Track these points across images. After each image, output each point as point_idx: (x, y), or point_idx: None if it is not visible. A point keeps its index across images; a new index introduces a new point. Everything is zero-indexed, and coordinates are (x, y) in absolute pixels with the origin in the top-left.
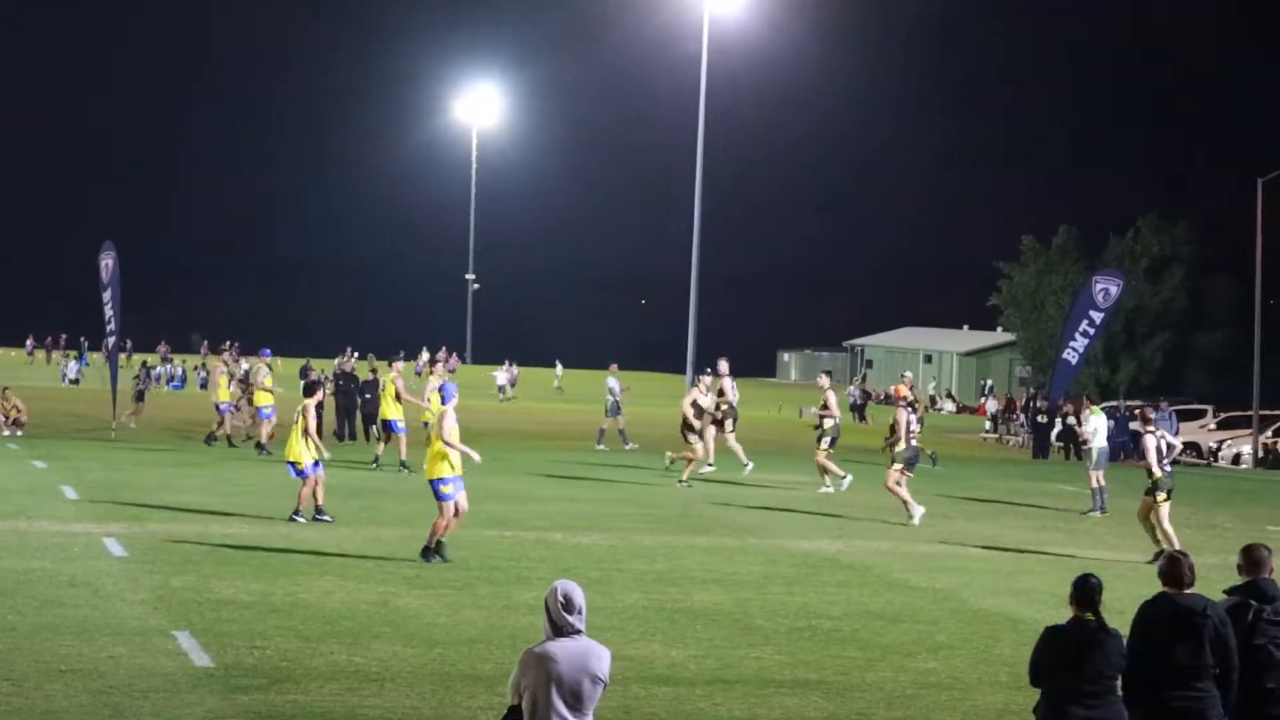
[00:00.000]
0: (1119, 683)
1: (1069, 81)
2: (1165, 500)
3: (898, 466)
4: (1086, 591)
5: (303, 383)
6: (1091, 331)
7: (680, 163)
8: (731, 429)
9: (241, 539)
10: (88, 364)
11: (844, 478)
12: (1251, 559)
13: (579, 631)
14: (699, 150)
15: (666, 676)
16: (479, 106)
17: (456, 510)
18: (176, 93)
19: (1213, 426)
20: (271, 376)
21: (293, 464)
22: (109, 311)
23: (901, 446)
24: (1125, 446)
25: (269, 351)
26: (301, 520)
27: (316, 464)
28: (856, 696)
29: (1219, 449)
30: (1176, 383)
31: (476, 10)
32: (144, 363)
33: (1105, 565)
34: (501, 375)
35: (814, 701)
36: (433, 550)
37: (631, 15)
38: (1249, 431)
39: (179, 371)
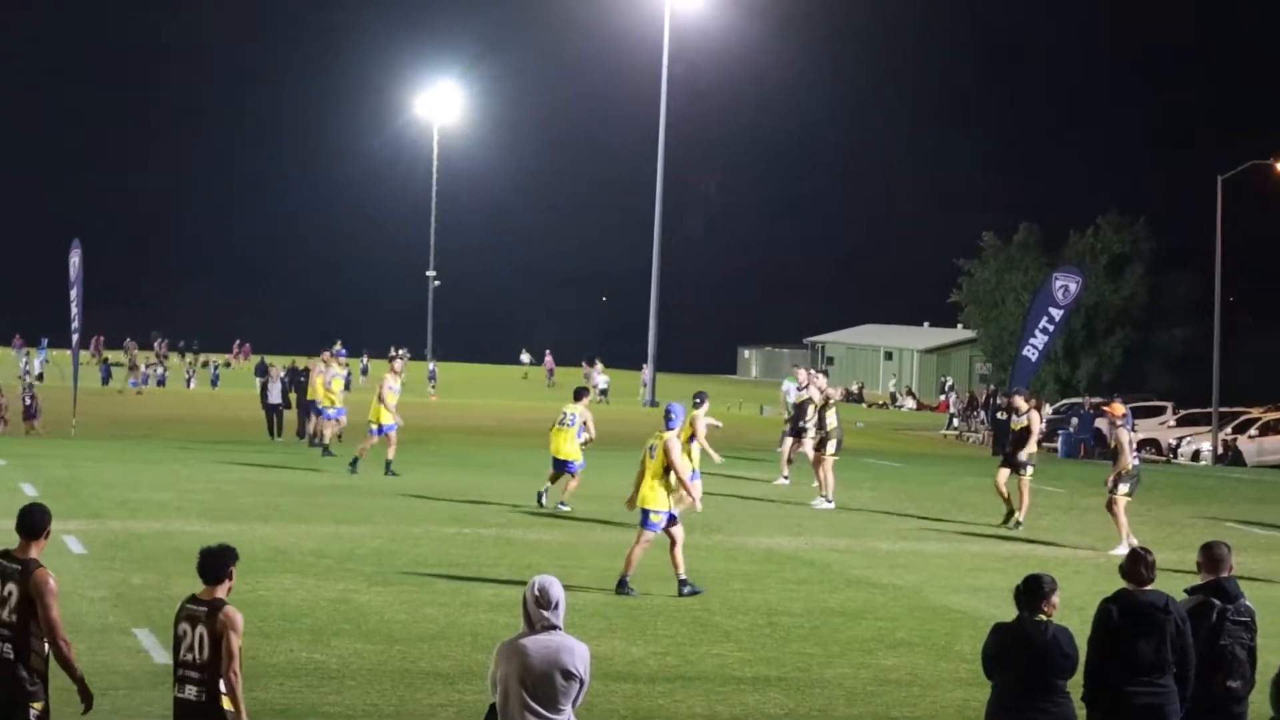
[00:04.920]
0: (1066, 683)
1: (1030, 78)
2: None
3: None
4: (1032, 591)
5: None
6: (1051, 328)
7: (642, 160)
8: (834, 451)
9: (202, 536)
10: (48, 360)
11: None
12: (1211, 557)
13: (555, 627)
14: (660, 147)
15: (626, 673)
16: (440, 103)
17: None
18: (138, 90)
19: (1172, 423)
20: (341, 379)
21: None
22: (75, 309)
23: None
24: (1088, 443)
25: (344, 351)
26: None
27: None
28: (816, 693)
29: (1178, 445)
30: (1136, 379)
31: (437, 7)
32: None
33: (1064, 561)
34: (599, 377)
35: (774, 698)
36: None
37: (594, 13)
38: (1208, 428)
39: (160, 372)
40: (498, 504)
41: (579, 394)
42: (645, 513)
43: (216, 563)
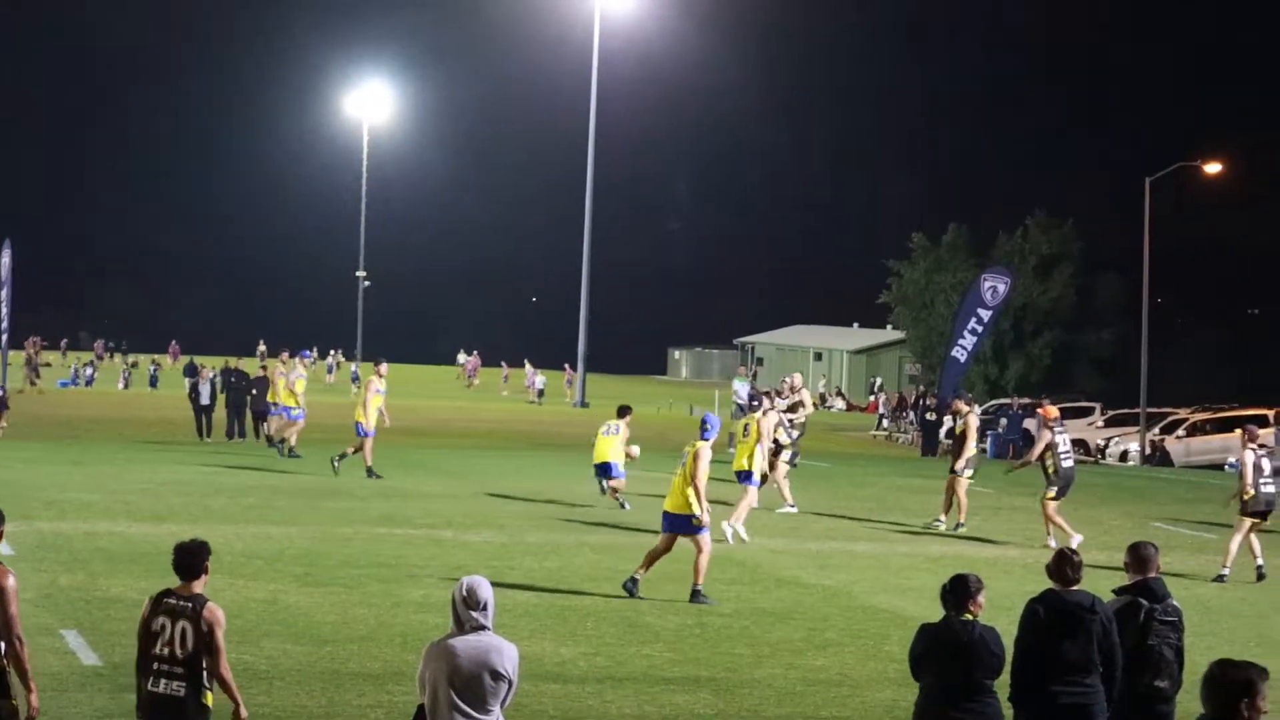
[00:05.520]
0: (994, 682)
1: (960, 79)
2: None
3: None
4: (958, 591)
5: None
6: (980, 329)
7: (572, 161)
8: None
9: (130, 537)
10: None
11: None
12: (1139, 557)
13: (483, 628)
14: (590, 148)
15: (556, 674)
16: (370, 103)
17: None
18: (65, 89)
19: (1100, 424)
20: (304, 380)
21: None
22: (3, 309)
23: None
24: (1017, 443)
25: (309, 353)
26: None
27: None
28: (746, 693)
29: (1106, 446)
30: (1065, 380)
31: (367, 6)
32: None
33: (992, 561)
34: (537, 379)
35: (703, 699)
36: (700, 592)
37: (525, 13)
38: (1136, 429)
39: (89, 373)
40: (427, 505)
41: (623, 411)
42: (687, 519)
43: (193, 558)
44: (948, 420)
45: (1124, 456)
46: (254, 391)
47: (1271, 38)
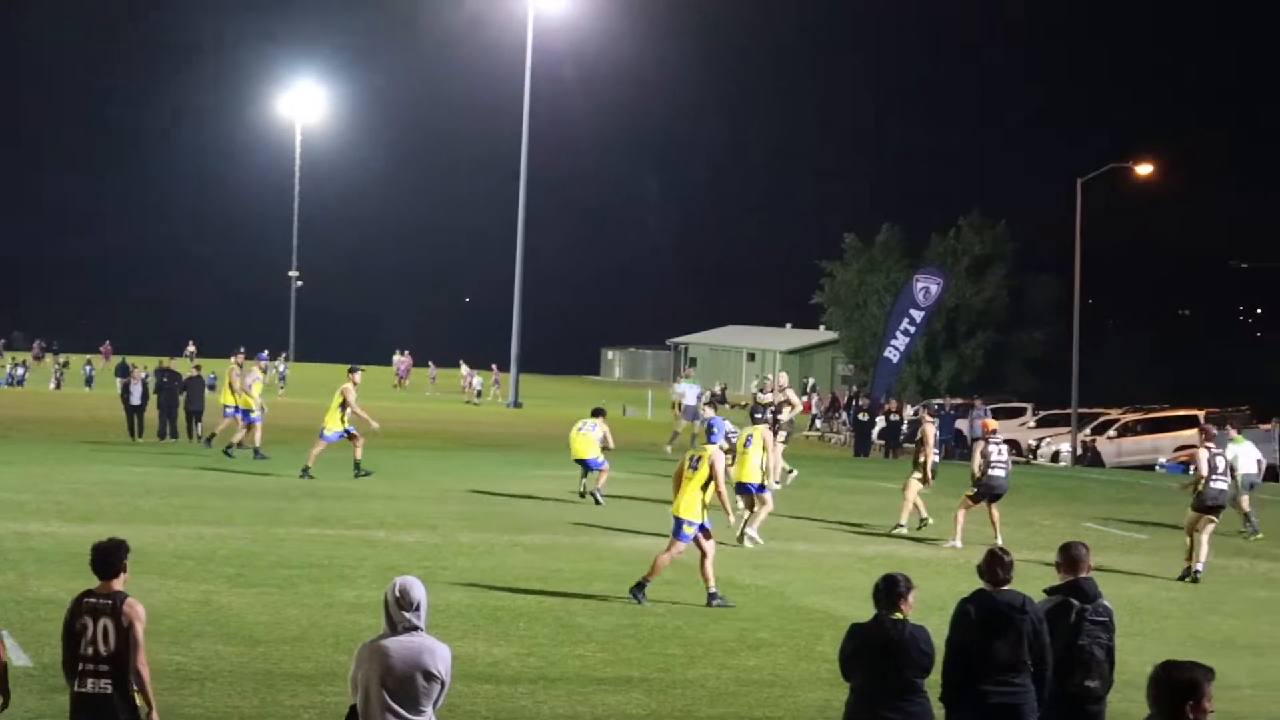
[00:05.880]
0: (924, 681)
1: (893, 79)
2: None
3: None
4: (889, 591)
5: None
6: (913, 330)
7: (505, 160)
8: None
9: (60, 537)
10: None
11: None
12: (1070, 557)
13: (416, 628)
14: (523, 148)
15: (489, 674)
16: (303, 103)
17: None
18: None
19: (1032, 424)
20: (260, 383)
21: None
22: None
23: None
24: (949, 443)
25: (265, 356)
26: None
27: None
28: (678, 694)
29: (1038, 447)
30: (997, 381)
31: (301, 6)
32: None
33: (925, 562)
34: (475, 379)
35: (636, 699)
36: (640, 589)
37: (458, 14)
38: (1068, 429)
39: (20, 373)
40: (360, 505)
41: (598, 412)
42: (679, 522)
43: (111, 557)
44: (880, 420)
45: (1055, 457)
46: (186, 392)
47: (1203, 42)
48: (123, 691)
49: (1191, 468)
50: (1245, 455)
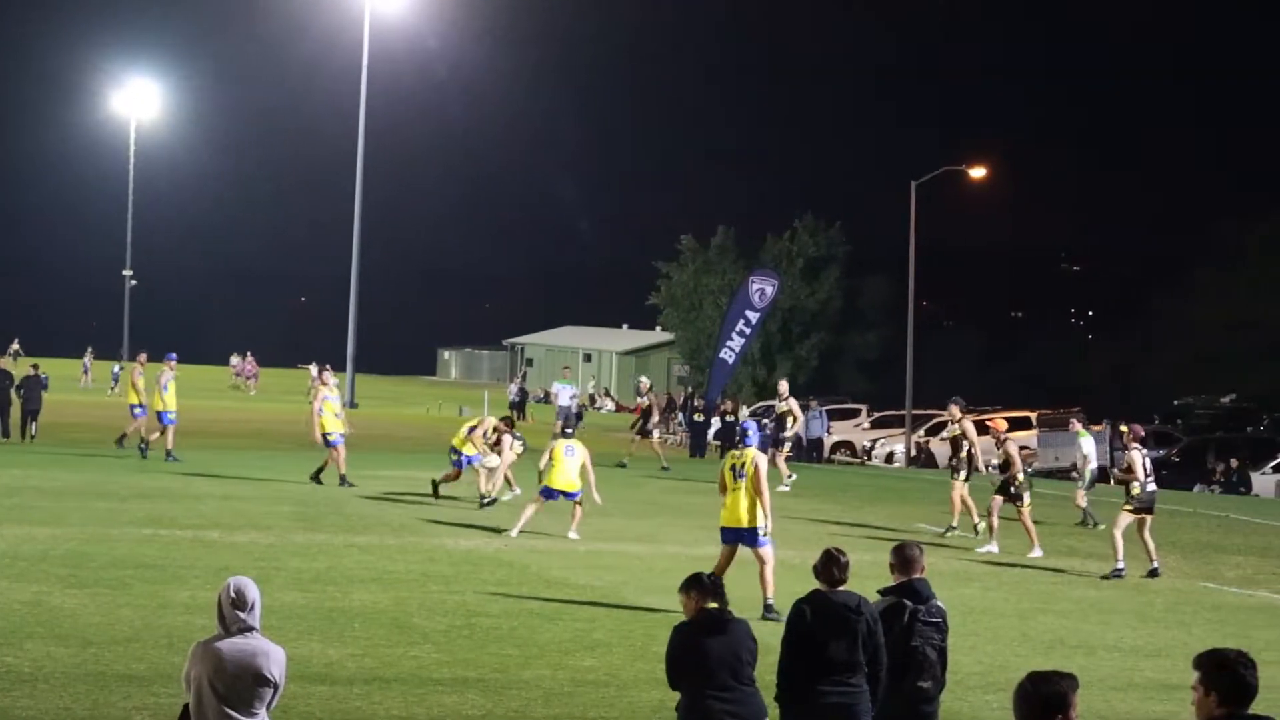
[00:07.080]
0: (753, 673)
1: (730, 81)
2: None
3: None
4: (705, 584)
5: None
6: (748, 331)
7: (341, 160)
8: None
9: None
10: None
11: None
12: (903, 558)
13: (251, 629)
14: (359, 149)
15: (324, 675)
16: (138, 100)
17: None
18: None
19: (866, 425)
20: (174, 383)
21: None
22: None
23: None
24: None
25: (174, 356)
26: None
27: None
28: (514, 694)
29: (872, 448)
30: (832, 382)
31: (135, 2)
32: None
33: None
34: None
35: (471, 699)
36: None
37: (295, 14)
38: (902, 431)
39: None
40: (194, 506)
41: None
42: (754, 532)
43: None
44: (715, 421)
45: (889, 458)
46: (23, 390)
47: (1042, 46)
48: None
49: (1124, 467)
50: (1093, 450)
